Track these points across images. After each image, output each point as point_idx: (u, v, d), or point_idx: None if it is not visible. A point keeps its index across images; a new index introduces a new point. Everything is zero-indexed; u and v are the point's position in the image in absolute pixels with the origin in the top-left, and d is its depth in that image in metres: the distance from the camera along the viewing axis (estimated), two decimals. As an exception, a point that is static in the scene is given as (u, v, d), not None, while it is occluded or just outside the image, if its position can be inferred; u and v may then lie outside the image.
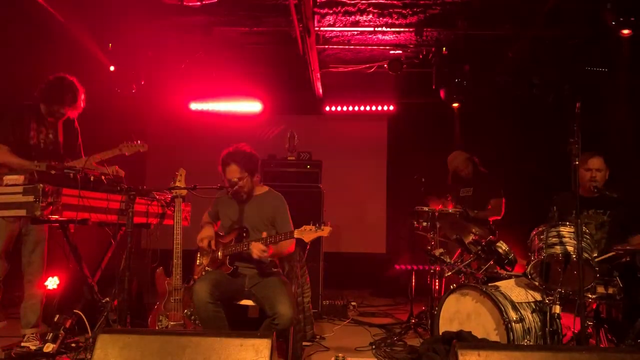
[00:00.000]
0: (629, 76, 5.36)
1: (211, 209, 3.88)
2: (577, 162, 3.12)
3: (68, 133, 4.02)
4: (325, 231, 3.16)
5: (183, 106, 7.91)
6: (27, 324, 3.69)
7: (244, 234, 3.52)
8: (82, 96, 3.91)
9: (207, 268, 3.62)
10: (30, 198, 3.09)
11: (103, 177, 3.65)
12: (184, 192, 3.69)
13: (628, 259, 3.51)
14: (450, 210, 4.76)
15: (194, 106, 7.95)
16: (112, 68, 6.30)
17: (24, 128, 3.76)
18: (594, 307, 3.58)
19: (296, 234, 3.22)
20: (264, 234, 3.31)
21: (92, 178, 3.55)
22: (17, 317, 3.79)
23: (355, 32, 5.95)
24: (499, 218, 5.13)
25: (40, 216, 3.12)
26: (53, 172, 3.30)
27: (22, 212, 3.14)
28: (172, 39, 6.19)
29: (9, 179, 3.18)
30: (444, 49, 6.15)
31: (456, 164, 5.38)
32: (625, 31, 4.90)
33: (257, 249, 3.26)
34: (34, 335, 3.67)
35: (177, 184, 3.70)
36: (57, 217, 3.28)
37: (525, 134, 6.92)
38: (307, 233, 3.17)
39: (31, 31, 5.41)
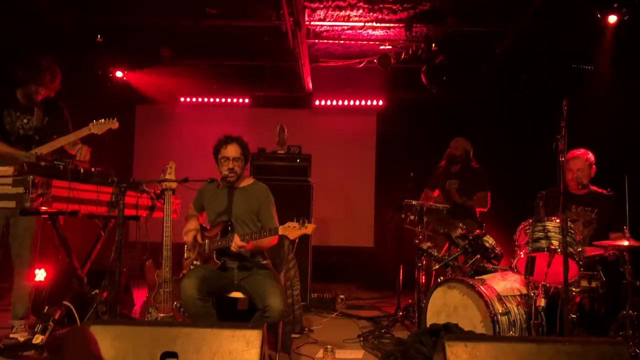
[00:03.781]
0: (613, 72, 5.44)
1: (195, 199, 3.86)
2: (563, 159, 3.18)
3: (53, 114, 3.95)
4: (309, 229, 3.15)
5: (172, 100, 7.89)
6: (16, 315, 3.68)
7: (229, 228, 3.53)
8: (59, 76, 3.85)
9: (195, 262, 3.62)
10: (20, 189, 3.08)
11: (93, 169, 3.65)
12: (174, 185, 3.70)
13: (611, 253, 3.59)
14: (438, 206, 4.81)
15: (183, 99, 7.94)
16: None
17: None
18: (577, 300, 3.65)
19: (280, 231, 3.21)
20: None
21: (81, 170, 3.54)
22: (6, 309, 3.77)
23: (346, 27, 5.96)
24: (485, 210, 5.20)
25: (30, 208, 3.11)
26: (43, 163, 3.29)
27: (11, 204, 3.12)
28: (160, 30, 6.17)
29: (-2, 170, 3.17)
30: (433, 44, 6.18)
31: (454, 143, 5.40)
32: (612, 19, 4.95)
33: (235, 245, 3.28)
34: (23, 326, 3.66)
35: (168, 176, 3.70)
36: (46, 208, 3.27)
37: (512, 130, 7.00)
38: (291, 230, 3.16)
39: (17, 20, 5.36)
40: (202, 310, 3.25)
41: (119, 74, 6.88)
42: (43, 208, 3.24)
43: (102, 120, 3.85)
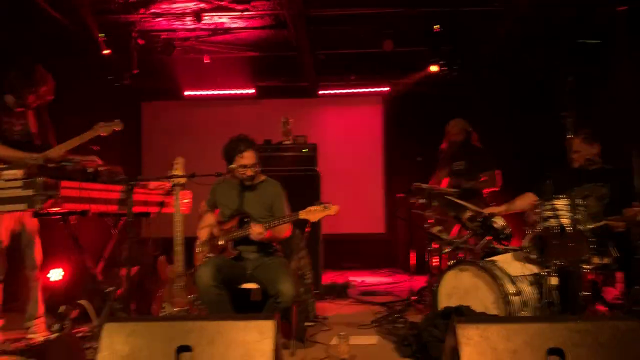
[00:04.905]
0: (624, 47, 5.38)
1: (209, 198, 3.92)
2: (571, 136, 3.16)
3: (39, 123, 3.94)
4: (332, 210, 3.26)
5: (177, 94, 7.91)
6: (30, 316, 3.73)
7: (246, 220, 3.59)
8: (53, 85, 3.84)
9: (208, 255, 3.67)
10: (30, 192, 3.10)
11: (100, 168, 3.67)
12: (183, 180, 3.72)
13: (622, 230, 3.56)
14: (447, 191, 4.79)
15: (188, 94, 7.95)
16: (106, 51, 6.25)
17: None
18: (590, 277, 3.63)
19: (302, 215, 3.30)
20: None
21: (90, 169, 3.56)
22: (16, 312, 3.80)
23: (347, 12, 5.91)
24: (497, 189, 5.16)
25: (40, 210, 3.14)
26: (51, 165, 3.32)
27: (22, 207, 3.15)
28: (163, 26, 6.17)
29: (8, 173, 3.18)
30: (436, 26, 6.12)
31: (451, 128, 5.38)
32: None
33: (255, 232, 3.37)
34: (38, 325, 3.71)
35: (175, 172, 3.72)
36: (57, 209, 3.31)
37: (520, 109, 6.94)
38: (313, 213, 3.27)
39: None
40: (217, 298, 3.30)
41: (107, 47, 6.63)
42: (54, 209, 3.27)
43: (109, 121, 3.88)
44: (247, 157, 3.62)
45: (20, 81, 3.70)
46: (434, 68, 6.63)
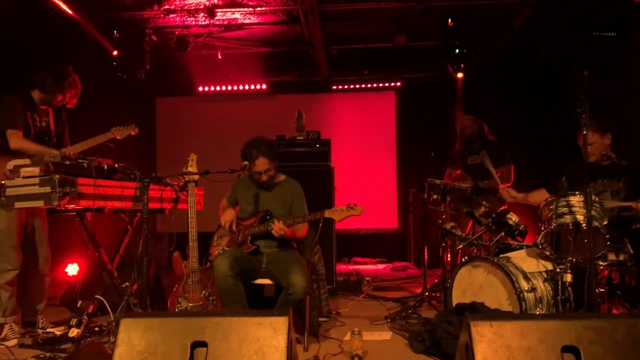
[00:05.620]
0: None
1: (229, 195, 3.99)
2: (585, 132, 3.12)
3: (57, 122, 4.00)
4: (358, 211, 3.35)
5: (191, 89, 7.95)
6: (40, 310, 3.80)
7: (268, 217, 3.66)
8: (80, 91, 3.93)
9: (225, 248, 3.72)
10: (47, 189, 3.16)
11: (116, 165, 3.72)
12: (197, 176, 3.75)
13: (639, 225, 3.52)
14: (462, 186, 4.77)
15: (201, 89, 7.99)
16: (115, 53, 6.33)
17: (23, 115, 3.73)
18: (606, 274, 3.60)
19: (327, 214, 3.39)
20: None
21: (105, 167, 3.61)
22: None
23: (359, 8, 5.89)
24: (509, 185, 5.13)
25: (57, 206, 3.19)
26: (67, 162, 3.37)
27: (40, 203, 3.20)
28: (176, 22, 6.20)
29: (25, 171, 3.25)
30: (449, 20, 6.08)
31: (463, 123, 5.34)
32: None
33: (277, 227, 3.45)
34: (44, 319, 3.77)
35: (189, 169, 3.77)
36: (73, 206, 3.35)
37: (534, 103, 6.87)
38: (339, 213, 3.37)
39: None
40: (233, 288, 3.34)
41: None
42: (70, 206, 3.31)
43: (125, 126, 3.97)
44: (259, 165, 3.65)
45: (53, 80, 3.77)
46: (460, 75, 6.62)
